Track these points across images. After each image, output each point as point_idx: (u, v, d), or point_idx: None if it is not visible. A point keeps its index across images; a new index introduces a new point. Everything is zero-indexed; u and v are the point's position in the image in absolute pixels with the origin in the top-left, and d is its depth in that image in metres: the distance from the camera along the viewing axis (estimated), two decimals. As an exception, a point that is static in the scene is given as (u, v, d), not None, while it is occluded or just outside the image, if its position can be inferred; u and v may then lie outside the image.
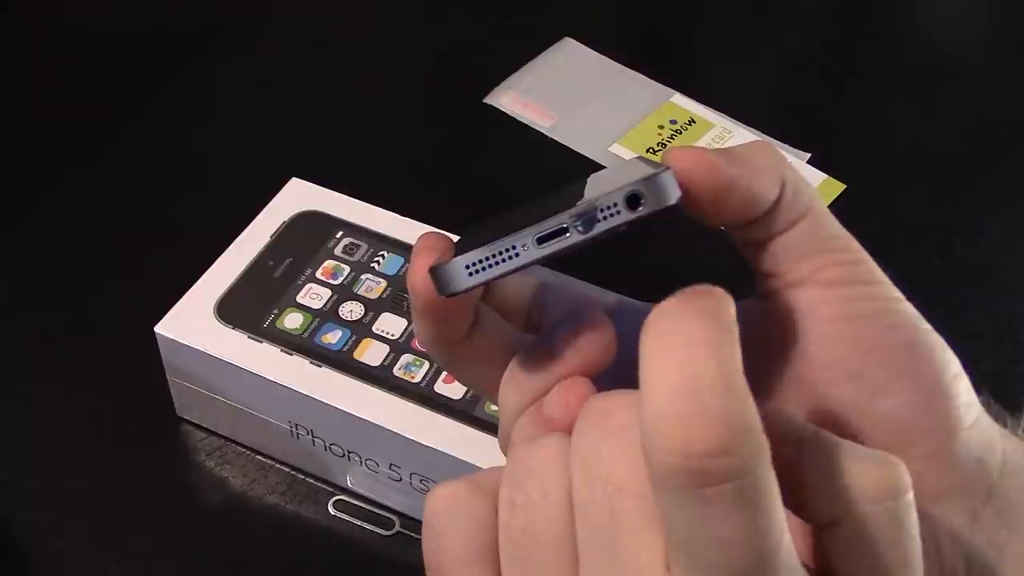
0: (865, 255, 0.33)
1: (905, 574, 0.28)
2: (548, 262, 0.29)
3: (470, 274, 0.29)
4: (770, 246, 0.33)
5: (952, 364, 0.32)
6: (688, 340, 0.25)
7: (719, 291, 0.26)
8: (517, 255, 0.29)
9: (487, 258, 0.29)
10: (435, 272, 0.30)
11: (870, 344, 0.32)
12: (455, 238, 0.37)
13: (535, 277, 0.36)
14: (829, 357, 0.33)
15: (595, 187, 0.32)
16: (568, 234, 0.29)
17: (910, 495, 0.28)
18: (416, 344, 0.52)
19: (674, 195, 0.29)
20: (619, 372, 0.37)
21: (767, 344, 0.34)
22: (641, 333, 0.26)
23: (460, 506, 0.29)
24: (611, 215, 0.29)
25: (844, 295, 0.32)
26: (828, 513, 0.28)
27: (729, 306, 0.26)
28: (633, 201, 0.29)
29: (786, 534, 0.26)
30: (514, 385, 0.32)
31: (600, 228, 0.29)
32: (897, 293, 0.33)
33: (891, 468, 0.28)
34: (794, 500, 0.28)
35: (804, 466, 0.28)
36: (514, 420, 0.32)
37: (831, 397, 0.33)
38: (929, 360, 0.32)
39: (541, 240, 0.29)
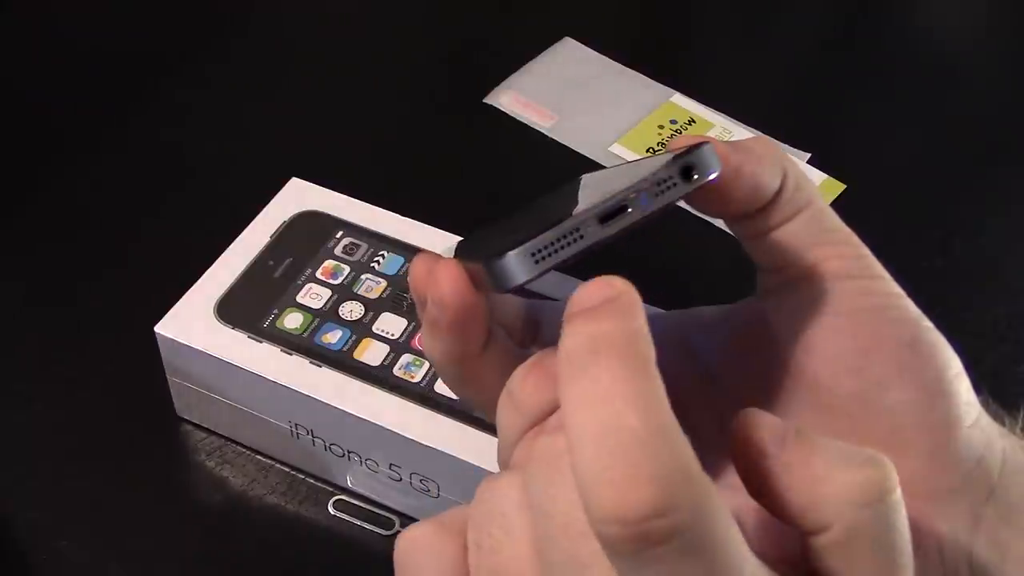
0: (866, 250, 0.33)
1: (897, 573, 0.27)
2: (607, 243, 0.29)
3: (536, 261, 0.28)
4: (773, 237, 0.33)
5: (953, 363, 0.32)
6: (603, 392, 0.24)
7: (623, 300, 0.25)
8: (582, 236, 0.29)
9: (553, 242, 0.28)
10: (493, 265, 0.29)
11: (872, 339, 0.32)
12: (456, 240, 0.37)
13: (524, 296, 0.36)
14: (830, 352, 0.33)
15: (599, 186, 0.32)
16: (630, 210, 0.29)
17: (897, 492, 0.28)
18: (416, 344, 0.52)
19: (718, 164, 0.30)
20: None
21: (768, 340, 0.34)
22: (558, 379, 0.25)
23: (429, 548, 0.29)
24: (668, 187, 0.29)
25: (846, 289, 0.33)
26: (817, 520, 0.27)
27: (636, 317, 0.25)
28: (687, 173, 0.29)
29: (748, 562, 0.25)
30: (511, 407, 0.31)
31: (659, 203, 0.29)
32: (898, 289, 0.33)
33: (877, 468, 0.27)
34: (780, 508, 0.28)
35: (788, 472, 0.28)
36: (513, 441, 0.32)
37: (832, 392, 0.33)
38: (931, 357, 0.32)
39: (603, 219, 0.29)
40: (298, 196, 0.58)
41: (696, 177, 0.29)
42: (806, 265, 0.33)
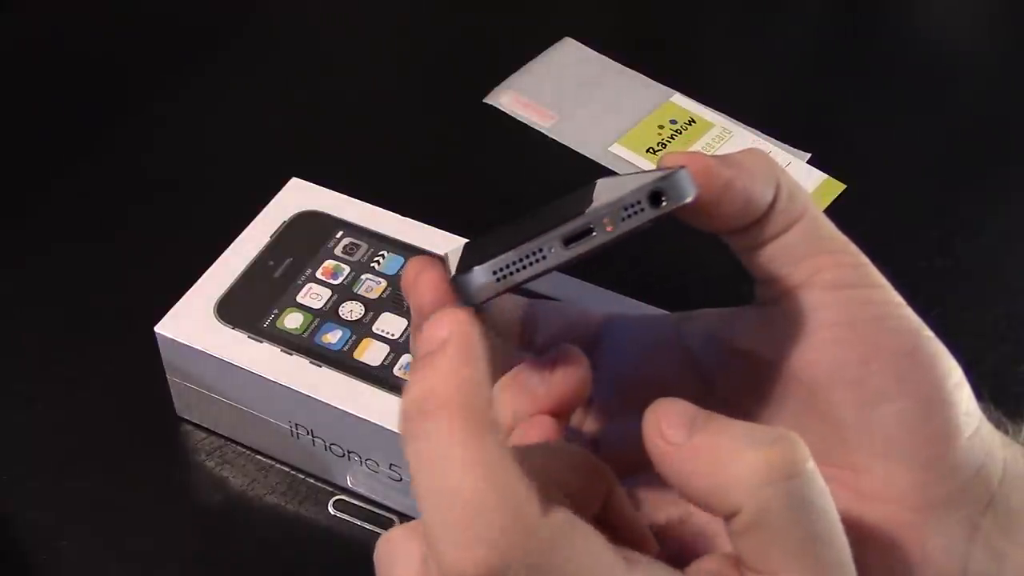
0: (864, 258, 0.33)
1: (815, 548, 0.27)
2: (572, 264, 0.29)
3: (498, 280, 0.29)
4: (768, 249, 0.33)
5: (954, 372, 0.32)
6: (432, 455, 0.25)
7: (454, 342, 0.26)
8: (544, 257, 0.29)
9: (514, 262, 0.29)
10: (459, 281, 0.29)
11: (871, 349, 0.32)
12: (453, 245, 0.37)
13: (523, 295, 0.36)
14: (830, 362, 0.32)
15: (605, 193, 0.32)
16: (594, 234, 0.29)
17: (809, 466, 0.27)
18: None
19: (692, 191, 0.30)
20: (620, 383, 0.37)
21: (766, 349, 0.34)
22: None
23: (400, 548, 0.29)
24: (635, 212, 0.29)
25: (845, 299, 0.32)
26: (727, 503, 0.27)
27: (468, 363, 0.25)
28: (655, 199, 0.29)
29: None
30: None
31: (624, 227, 0.29)
32: (898, 298, 0.33)
33: (782, 446, 0.27)
34: (693, 495, 0.28)
35: (696, 458, 0.28)
36: None
37: (831, 402, 0.33)
38: (930, 367, 0.32)
39: (567, 241, 0.29)
40: (298, 196, 0.58)
41: (665, 203, 0.29)
42: (803, 276, 0.33)
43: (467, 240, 0.38)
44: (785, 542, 0.27)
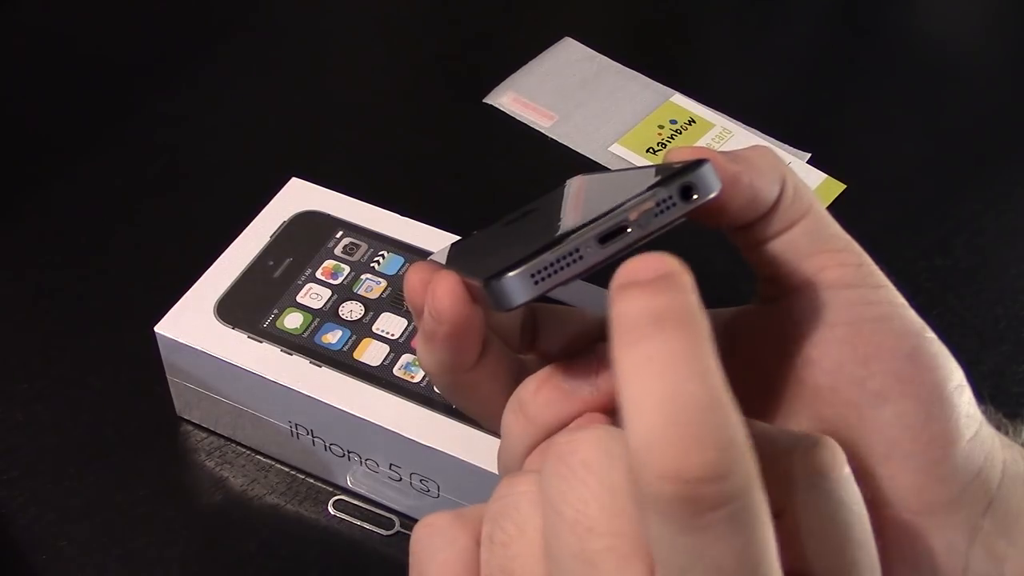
0: (867, 258, 0.33)
1: (851, 550, 0.27)
2: (606, 264, 0.29)
3: (536, 283, 0.28)
4: (772, 246, 0.33)
5: (955, 375, 0.32)
6: (668, 359, 0.24)
7: (677, 274, 0.25)
8: (581, 257, 0.29)
9: (552, 263, 0.28)
10: (493, 286, 0.29)
11: (873, 350, 0.32)
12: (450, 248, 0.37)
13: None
14: (831, 362, 0.32)
15: (593, 198, 0.32)
16: (629, 231, 0.29)
17: (847, 471, 0.28)
18: (416, 344, 0.52)
19: (718, 184, 0.30)
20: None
21: (768, 348, 0.34)
22: (613, 347, 0.25)
23: (444, 534, 0.29)
24: (668, 207, 0.29)
25: (847, 298, 0.32)
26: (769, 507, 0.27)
27: (691, 293, 0.25)
28: (686, 193, 0.29)
29: (773, 551, 0.25)
30: (523, 418, 0.31)
31: (659, 222, 0.29)
32: (901, 299, 0.33)
33: (823, 450, 0.27)
34: None
35: None
36: (520, 451, 0.32)
37: (831, 402, 0.33)
38: (932, 369, 0.32)
39: (603, 239, 0.29)
40: (298, 196, 0.58)
41: (696, 197, 0.29)
42: (806, 274, 0.33)
43: (452, 242, 0.38)
44: (823, 543, 0.27)
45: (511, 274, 0.28)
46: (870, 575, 0.28)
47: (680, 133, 0.71)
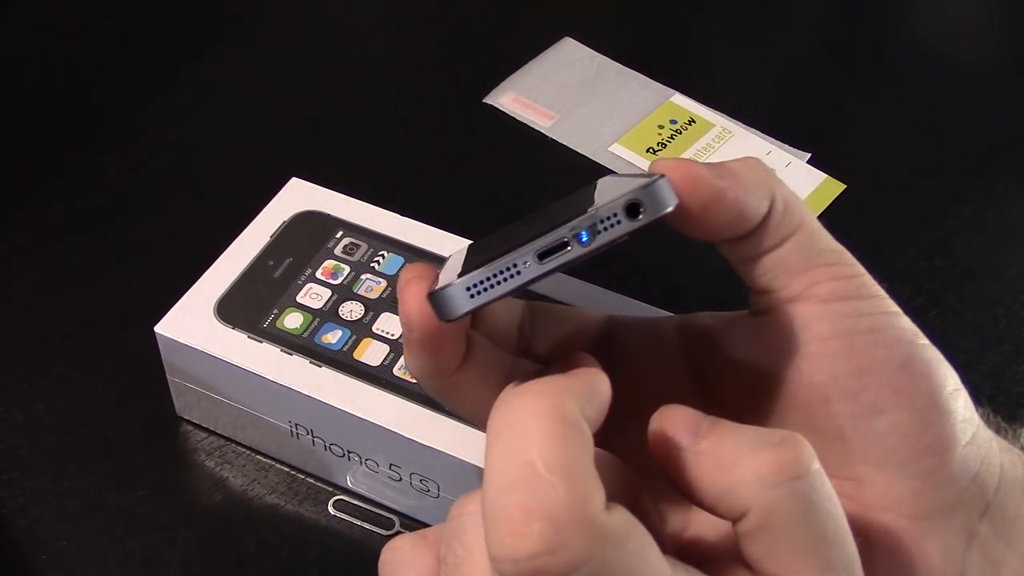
0: (860, 269, 0.33)
1: (823, 549, 0.27)
2: (550, 277, 0.29)
3: (471, 296, 0.29)
4: (763, 262, 0.33)
5: (950, 380, 0.32)
6: (516, 430, 0.24)
7: (580, 372, 0.26)
8: (519, 272, 0.29)
9: (488, 278, 0.28)
10: (434, 298, 0.29)
11: (866, 362, 0.32)
12: (453, 248, 0.37)
13: (523, 299, 0.36)
14: (825, 375, 0.32)
15: (605, 193, 0.32)
16: (569, 248, 0.29)
17: (815, 468, 0.27)
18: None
19: (671, 202, 0.29)
20: (620, 389, 0.37)
21: (762, 360, 0.34)
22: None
23: (407, 558, 0.29)
24: (611, 226, 0.29)
25: (840, 311, 0.32)
26: (735, 505, 0.27)
27: (576, 385, 0.26)
28: (632, 210, 0.29)
29: None
30: None
31: (600, 240, 0.29)
32: (894, 307, 0.32)
33: (788, 447, 0.27)
34: (700, 499, 0.28)
35: (701, 462, 0.28)
36: None
37: (826, 414, 0.32)
38: (926, 376, 0.32)
39: (542, 256, 0.29)
40: (298, 196, 0.58)
41: (642, 215, 0.29)
42: (798, 289, 0.32)
43: (471, 242, 0.38)
44: (792, 543, 0.27)
45: (449, 287, 0.29)
46: (846, 574, 0.27)
47: (680, 133, 0.71)
